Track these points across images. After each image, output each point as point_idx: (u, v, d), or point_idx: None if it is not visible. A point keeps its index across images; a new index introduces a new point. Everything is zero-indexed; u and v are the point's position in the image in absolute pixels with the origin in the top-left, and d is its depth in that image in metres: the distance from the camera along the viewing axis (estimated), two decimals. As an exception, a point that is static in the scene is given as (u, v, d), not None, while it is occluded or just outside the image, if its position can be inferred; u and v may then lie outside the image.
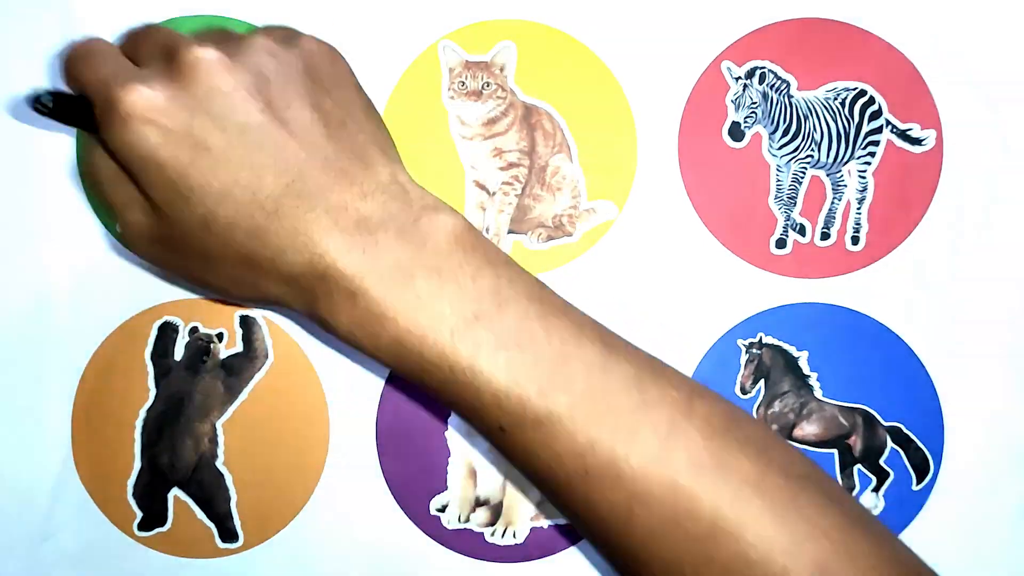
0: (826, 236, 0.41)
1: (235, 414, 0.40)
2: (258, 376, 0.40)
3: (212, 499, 0.40)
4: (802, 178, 0.41)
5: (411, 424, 0.40)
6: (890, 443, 0.40)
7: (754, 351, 0.40)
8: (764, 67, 0.40)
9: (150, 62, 0.30)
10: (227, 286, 0.32)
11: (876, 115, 0.40)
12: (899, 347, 0.40)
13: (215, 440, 0.40)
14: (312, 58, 0.31)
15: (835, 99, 0.40)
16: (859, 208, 0.41)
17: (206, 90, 0.28)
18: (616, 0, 0.40)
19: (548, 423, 0.28)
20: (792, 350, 0.41)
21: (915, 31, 0.41)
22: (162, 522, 0.40)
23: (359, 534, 0.40)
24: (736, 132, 0.40)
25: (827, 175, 0.41)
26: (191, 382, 0.40)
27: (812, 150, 0.40)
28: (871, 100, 0.40)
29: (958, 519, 0.40)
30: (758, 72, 0.40)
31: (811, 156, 0.40)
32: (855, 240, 0.41)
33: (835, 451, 0.40)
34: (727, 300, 0.41)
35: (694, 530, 0.27)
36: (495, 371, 0.28)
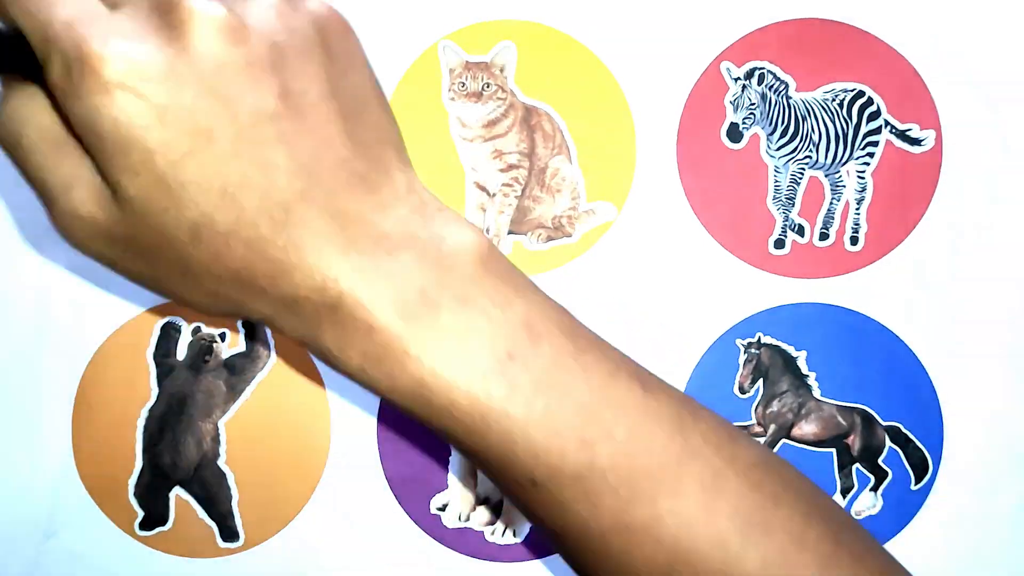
0: (825, 236, 0.41)
1: (237, 413, 0.40)
2: (260, 376, 0.40)
3: (214, 498, 0.40)
4: (800, 179, 0.41)
5: (412, 423, 0.40)
6: (889, 443, 0.40)
7: (753, 351, 0.41)
8: (763, 68, 0.40)
9: (129, 4, 0.23)
10: (202, 301, 0.25)
11: (875, 116, 0.40)
12: (898, 347, 0.41)
13: (217, 439, 0.40)
14: (325, 27, 0.25)
15: (833, 100, 0.40)
16: (858, 208, 0.41)
17: (213, 62, 0.22)
18: (616, 1, 0.41)
19: (589, 476, 0.25)
20: (791, 350, 0.41)
21: (915, 31, 0.40)
22: (163, 521, 0.40)
23: (359, 533, 0.40)
24: (735, 133, 0.40)
25: (826, 176, 0.41)
26: (193, 382, 0.40)
27: (810, 151, 0.40)
28: (869, 101, 0.40)
29: (957, 519, 0.40)
30: (757, 73, 0.40)
31: (809, 157, 0.40)
32: (854, 240, 0.41)
33: (833, 451, 0.40)
34: (726, 300, 0.41)
35: None
36: (531, 419, 0.24)
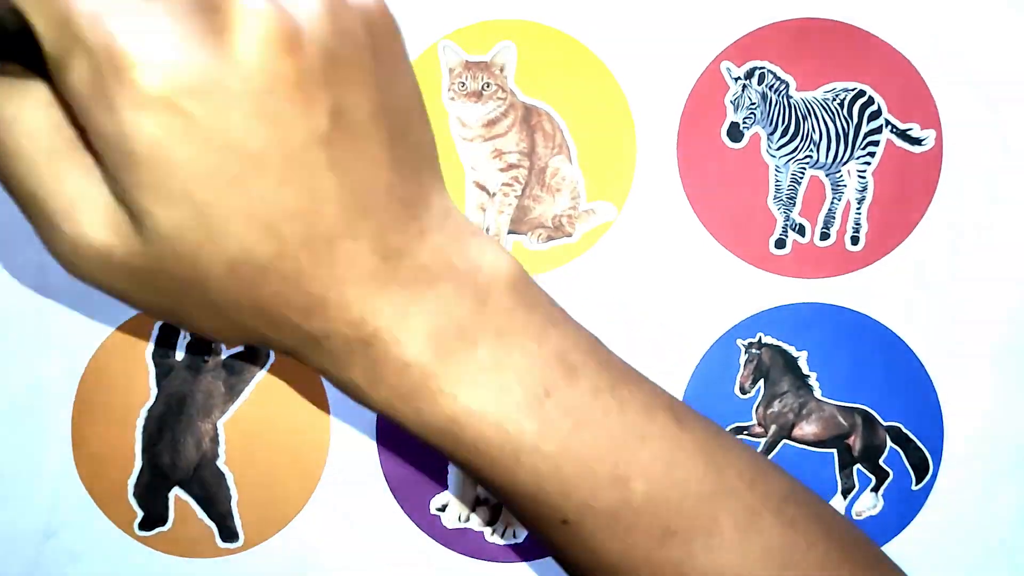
0: (826, 236, 0.41)
1: (236, 414, 0.40)
2: (259, 376, 0.40)
3: (213, 498, 0.40)
4: (801, 178, 0.41)
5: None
6: (889, 443, 0.40)
7: (753, 351, 0.40)
8: (763, 67, 0.40)
9: None
10: (221, 332, 0.23)
11: (875, 115, 0.40)
12: (899, 347, 0.40)
13: (216, 440, 0.40)
14: (375, 27, 0.21)
15: (834, 99, 0.40)
16: (859, 208, 0.41)
17: (266, 76, 0.18)
18: (616, 0, 0.40)
19: (623, 514, 0.24)
20: (791, 350, 0.41)
21: (915, 31, 0.40)
22: (163, 522, 0.40)
23: (359, 533, 0.40)
24: (735, 133, 0.40)
25: (826, 175, 0.41)
26: (192, 382, 0.40)
27: (811, 150, 0.40)
28: (870, 100, 0.40)
29: (957, 519, 0.40)
30: (757, 72, 0.40)
31: (810, 156, 0.40)
32: (855, 240, 0.41)
33: (834, 451, 0.40)
34: (726, 300, 0.41)
35: None
36: (564, 455, 0.24)
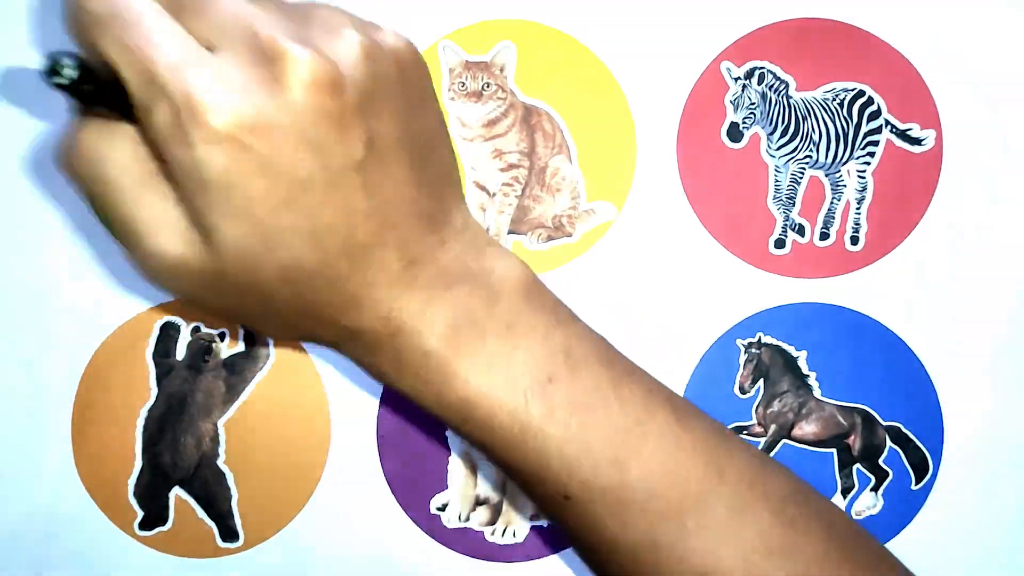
0: (825, 236, 0.41)
1: (237, 413, 0.40)
2: (260, 375, 0.40)
3: (213, 498, 0.40)
4: (800, 178, 0.41)
5: (411, 423, 0.40)
6: (889, 443, 0.40)
7: (753, 351, 0.41)
8: (763, 68, 0.40)
9: (228, 48, 0.22)
10: (278, 330, 0.28)
11: (875, 115, 0.40)
12: (899, 347, 0.40)
13: (216, 439, 0.40)
14: (404, 64, 0.25)
15: (834, 99, 0.40)
16: (858, 208, 0.41)
17: (314, 115, 0.22)
18: (616, 0, 0.41)
19: (620, 493, 0.27)
20: (791, 350, 0.41)
21: (915, 31, 0.40)
22: (163, 521, 0.40)
23: (359, 533, 0.40)
24: (735, 133, 0.40)
25: (826, 175, 0.41)
26: (193, 381, 0.40)
27: (810, 150, 0.40)
28: (870, 100, 0.40)
29: (957, 519, 0.40)
30: (757, 73, 0.40)
31: (809, 156, 0.40)
32: (854, 240, 0.41)
33: (834, 450, 0.40)
34: (726, 300, 0.41)
35: None
36: (568, 436, 0.27)
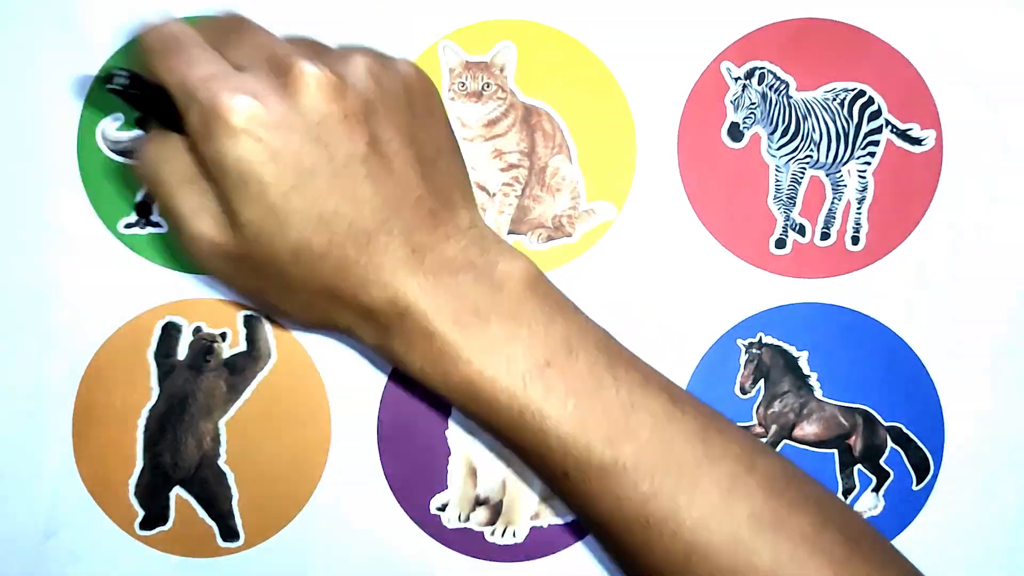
0: (826, 236, 0.41)
1: (237, 413, 0.40)
2: (261, 375, 0.40)
3: (214, 498, 0.40)
4: (801, 178, 0.41)
5: (412, 423, 0.40)
6: (890, 443, 0.40)
7: (754, 351, 0.41)
8: (763, 67, 0.40)
9: (252, 67, 0.28)
10: (299, 312, 0.32)
11: (875, 115, 0.40)
12: (899, 347, 0.40)
13: (217, 439, 0.40)
14: (411, 87, 0.31)
15: (834, 99, 0.40)
16: (859, 208, 0.41)
17: (318, 115, 0.28)
18: (616, 1, 0.41)
19: (613, 471, 0.28)
20: (792, 350, 0.41)
21: (915, 31, 0.40)
22: (164, 521, 0.40)
23: (359, 533, 0.40)
24: (735, 132, 0.40)
25: (827, 175, 0.41)
26: (194, 381, 0.40)
27: (811, 150, 0.40)
28: (870, 100, 0.40)
29: (958, 519, 0.40)
30: (757, 72, 0.40)
31: (810, 156, 0.40)
32: (855, 240, 0.41)
33: (835, 451, 0.40)
34: (726, 300, 0.41)
35: None
36: (564, 417, 0.29)
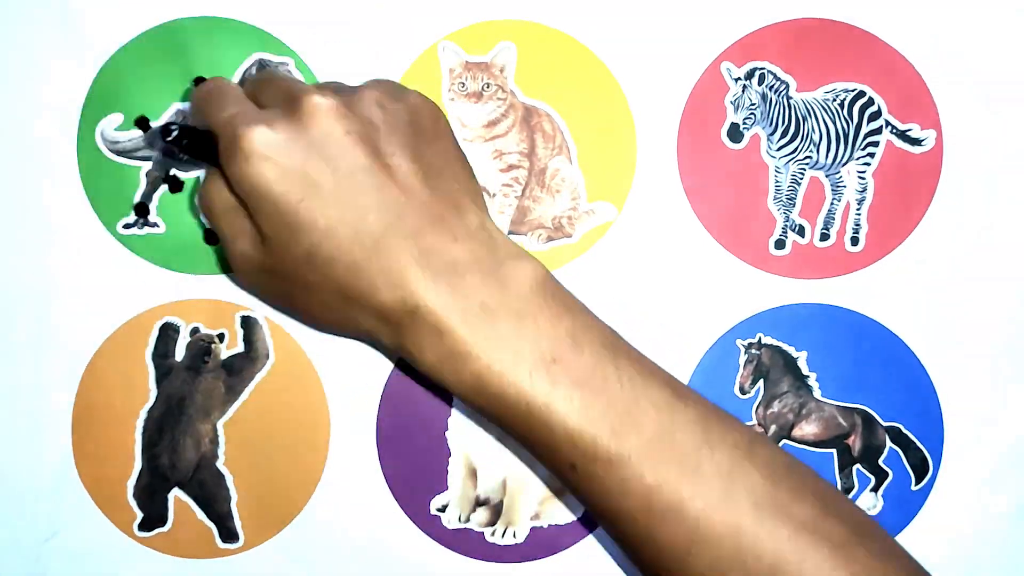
0: (825, 237, 0.41)
1: (236, 414, 0.40)
2: (259, 376, 0.40)
3: (213, 499, 0.40)
4: (801, 179, 0.41)
5: (411, 424, 0.40)
6: (889, 443, 0.40)
7: (753, 351, 0.41)
8: (763, 68, 0.40)
9: (272, 105, 0.32)
10: (324, 316, 0.34)
11: (875, 116, 0.40)
12: (899, 347, 0.40)
13: (216, 440, 0.40)
14: (417, 112, 0.33)
15: (834, 100, 0.40)
16: (859, 209, 0.41)
17: (321, 134, 0.31)
18: (616, 1, 0.40)
19: (618, 462, 0.29)
20: (791, 350, 0.41)
21: (915, 31, 0.40)
22: (162, 522, 0.40)
23: (359, 534, 0.40)
24: (735, 133, 0.40)
25: (826, 176, 0.41)
26: (192, 382, 0.40)
27: (811, 151, 0.40)
28: (870, 101, 0.40)
29: (957, 519, 0.40)
30: (757, 73, 0.40)
31: (810, 157, 0.40)
32: (855, 241, 0.41)
33: (834, 451, 0.40)
34: (726, 301, 0.41)
35: (754, 569, 0.29)
36: (570, 410, 0.30)
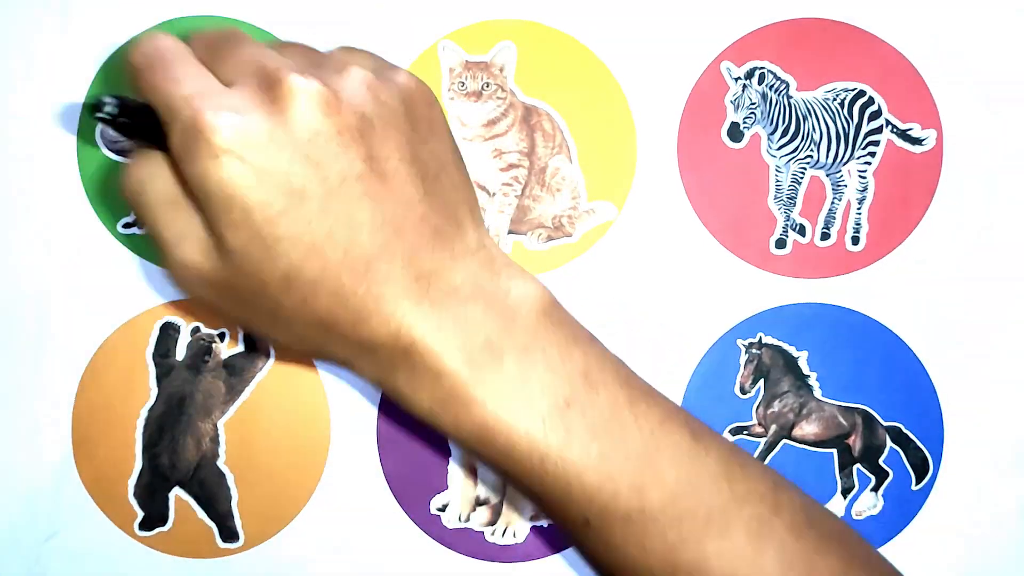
0: (826, 236, 0.41)
1: (236, 414, 0.40)
2: (260, 376, 0.40)
3: (213, 499, 0.40)
4: (801, 178, 0.41)
5: (412, 424, 0.40)
6: (889, 443, 0.40)
7: (754, 351, 0.41)
8: (763, 67, 0.40)
9: (240, 82, 0.26)
10: (291, 342, 0.29)
11: (876, 115, 0.40)
12: (899, 347, 0.40)
13: (216, 440, 0.40)
14: (411, 99, 0.28)
15: (834, 99, 0.40)
16: (859, 208, 0.41)
17: (308, 131, 0.25)
18: (616, 1, 0.40)
19: (639, 518, 0.27)
20: (792, 350, 0.41)
21: (915, 31, 0.40)
22: (163, 522, 0.40)
23: (359, 534, 0.40)
24: (735, 132, 0.40)
25: (827, 175, 0.41)
26: (192, 382, 0.40)
27: (811, 150, 0.40)
28: (870, 100, 0.40)
29: (957, 519, 0.40)
30: (757, 72, 0.40)
31: (810, 156, 0.40)
32: (855, 240, 0.41)
33: (834, 451, 0.40)
34: (727, 300, 0.41)
35: None
36: (587, 463, 0.27)
